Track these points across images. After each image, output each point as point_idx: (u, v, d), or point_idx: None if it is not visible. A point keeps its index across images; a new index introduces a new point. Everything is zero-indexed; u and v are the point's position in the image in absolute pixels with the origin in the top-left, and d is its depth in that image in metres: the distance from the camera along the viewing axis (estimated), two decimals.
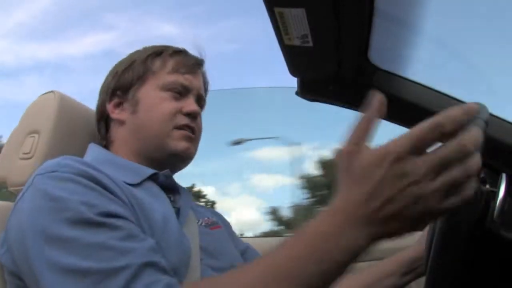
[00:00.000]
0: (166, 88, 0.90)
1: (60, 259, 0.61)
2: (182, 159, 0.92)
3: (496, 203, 0.70)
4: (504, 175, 0.77)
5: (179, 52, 0.96)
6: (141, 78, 0.91)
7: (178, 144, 0.89)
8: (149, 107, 0.90)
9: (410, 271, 0.97)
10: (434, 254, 0.59)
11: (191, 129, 0.91)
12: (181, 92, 0.92)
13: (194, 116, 0.92)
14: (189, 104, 0.91)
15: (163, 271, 0.64)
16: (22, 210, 0.69)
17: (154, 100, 0.90)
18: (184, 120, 0.90)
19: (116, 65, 0.97)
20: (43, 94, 0.98)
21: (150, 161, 0.89)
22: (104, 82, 0.96)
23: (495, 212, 0.69)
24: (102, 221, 0.65)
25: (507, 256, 0.74)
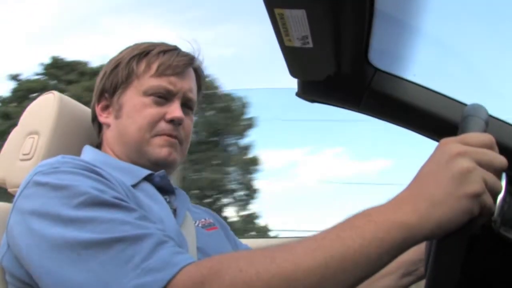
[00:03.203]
0: (149, 93, 0.88)
1: (78, 236, 0.60)
2: (164, 166, 0.89)
3: (496, 202, 0.70)
4: (504, 175, 0.77)
5: (167, 52, 0.91)
6: (125, 82, 0.90)
7: (159, 151, 0.87)
8: (131, 113, 0.88)
9: (410, 272, 0.94)
10: (434, 253, 0.59)
11: (173, 137, 0.89)
12: (165, 97, 0.89)
13: (178, 122, 0.89)
14: (173, 111, 0.88)
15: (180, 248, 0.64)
16: (24, 208, 0.69)
17: (135, 106, 0.88)
18: (165, 128, 0.88)
19: (106, 64, 0.96)
20: (42, 95, 0.98)
21: (135, 164, 0.89)
22: (96, 81, 0.96)
23: (495, 212, 0.69)
24: (116, 202, 0.66)
25: (507, 255, 0.74)
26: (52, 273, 0.61)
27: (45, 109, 0.94)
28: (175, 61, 0.90)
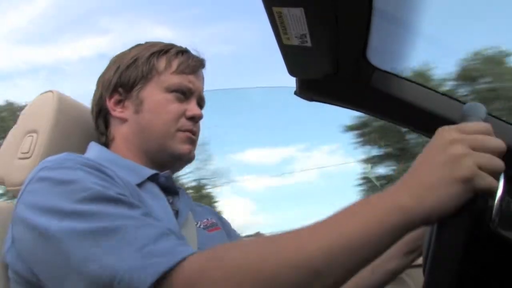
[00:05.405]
0: (171, 89, 0.90)
1: (82, 226, 0.61)
2: (184, 161, 0.92)
3: (494, 202, 0.70)
4: (502, 174, 0.77)
5: (183, 52, 0.94)
6: (146, 77, 0.90)
7: (181, 146, 0.89)
8: (154, 108, 0.89)
9: (413, 250, 0.95)
10: (432, 253, 0.60)
11: (193, 133, 0.91)
12: (185, 94, 0.91)
13: (197, 120, 0.92)
14: (193, 108, 0.91)
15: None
16: (28, 203, 0.69)
17: (159, 101, 0.89)
18: (187, 124, 0.90)
19: (117, 58, 0.95)
20: (41, 94, 0.98)
21: (150, 160, 0.89)
22: (105, 75, 0.94)
23: (494, 211, 0.69)
24: (121, 198, 0.66)
25: (505, 255, 0.74)
26: (56, 266, 0.62)
27: (44, 107, 0.94)
28: (193, 61, 0.94)
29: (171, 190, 0.89)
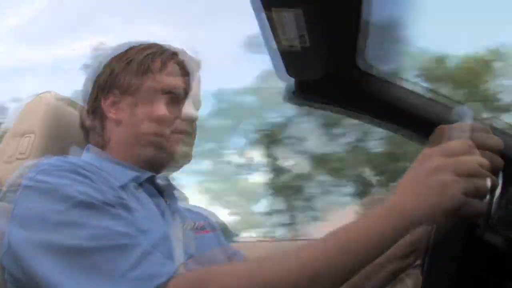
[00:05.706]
0: (166, 91, 0.89)
1: (65, 242, 0.61)
2: (180, 163, 0.92)
3: (493, 200, 0.70)
4: (501, 173, 0.78)
5: (179, 54, 0.94)
6: (140, 79, 0.90)
7: (177, 148, 0.89)
8: (149, 110, 0.88)
9: (411, 252, 0.92)
10: (431, 252, 0.60)
11: (189, 134, 0.91)
12: (179, 95, 0.91)
13: (193, 121, 0.92)
14: (188, 109, 0.91)
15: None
16: (15, 210, 0.70)
17: (153, 103, 0.89)
18: (182, 126, 0.89)
19: (112, 59, 0.94)
20: (39, 95, 0.98)
21: (146, 162, 0.89)
22: (100, 75, 0.93)
23: (492, 209, 0.70)
24: (104, 208, 0.66)
25: (504, 253, 0.74)
26: (39, 277, 0.63)
27: (41, 108, 0.94)
28: (188, 62, 0.93)
29: (167, 191, 0.89)
